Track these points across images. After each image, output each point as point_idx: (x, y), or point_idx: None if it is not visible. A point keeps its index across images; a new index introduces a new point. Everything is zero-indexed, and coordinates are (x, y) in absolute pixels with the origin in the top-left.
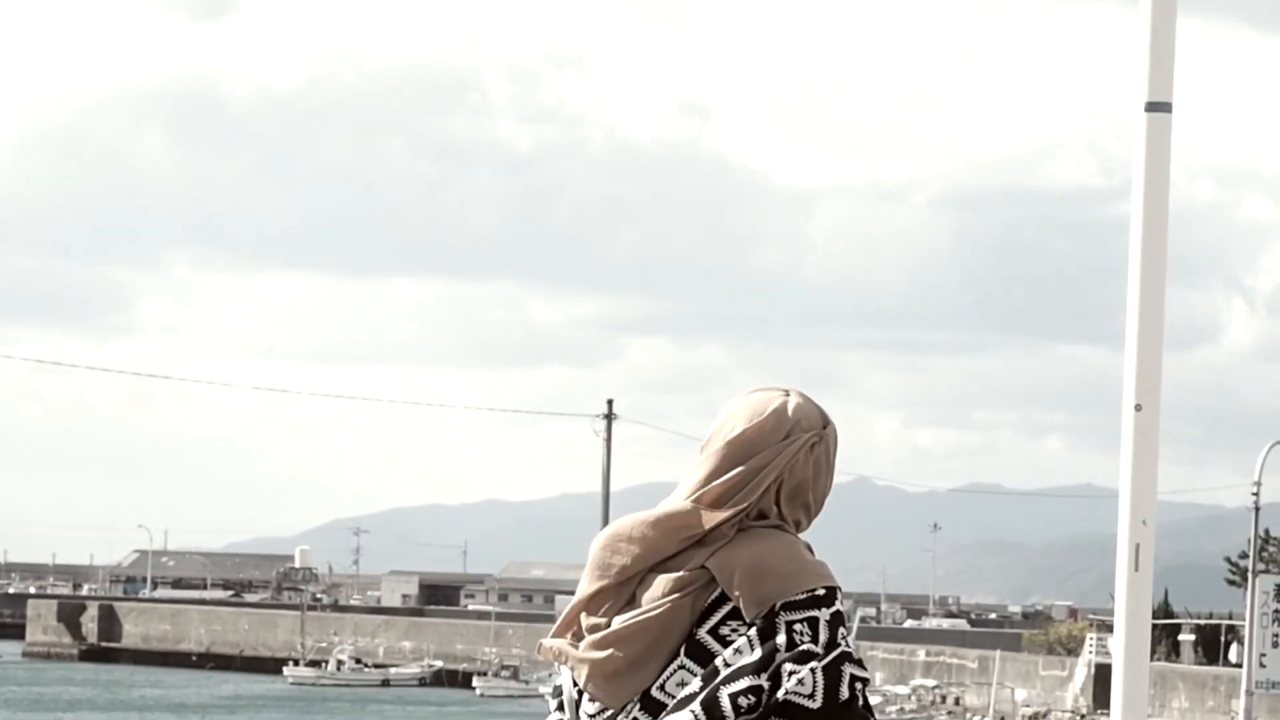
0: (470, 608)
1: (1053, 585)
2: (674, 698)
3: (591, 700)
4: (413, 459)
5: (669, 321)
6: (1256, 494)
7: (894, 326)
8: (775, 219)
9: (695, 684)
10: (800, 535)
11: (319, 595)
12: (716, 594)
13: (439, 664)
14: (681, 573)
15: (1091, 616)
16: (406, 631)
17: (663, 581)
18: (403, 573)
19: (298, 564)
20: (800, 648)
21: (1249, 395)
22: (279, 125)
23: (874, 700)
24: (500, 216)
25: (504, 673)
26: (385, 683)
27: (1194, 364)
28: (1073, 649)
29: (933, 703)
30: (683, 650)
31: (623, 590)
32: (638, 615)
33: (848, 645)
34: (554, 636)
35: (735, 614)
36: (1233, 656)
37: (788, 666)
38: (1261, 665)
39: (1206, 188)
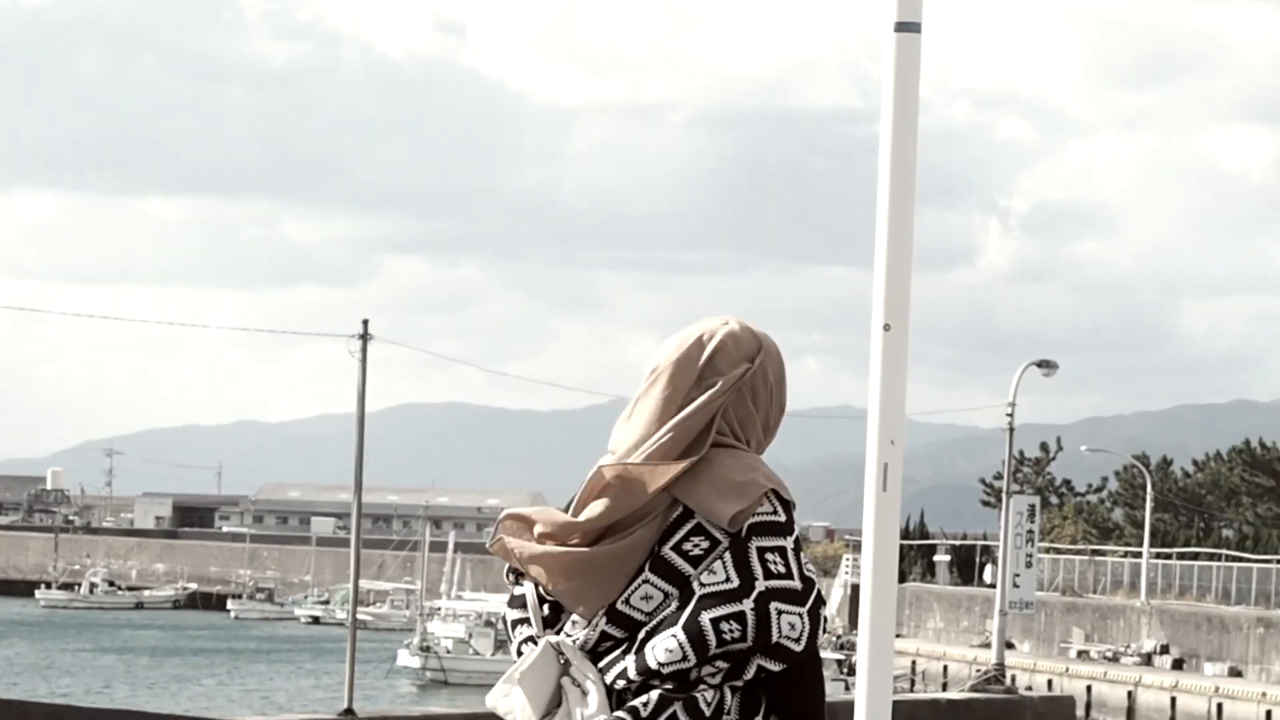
0: (225, 530)
1: (810, 506)
2: (640, 611)
3: (553, 608)
4: (167, 380)
5: (426, 241)
6: (1011, 415)
7: (651, 246)
8: (533, 138)
9: (672, 605)
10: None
11: (71, 517)
12: (679, 512)
13: (193, 586)
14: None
15: (848, 537)
16: (160, 554)
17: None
18: (156, 494)
19: (49, 486)
20: (782, 585)
21: (1005, 317)
22: (30, 40)
23: None
24: (255, 135)
25: (259, 595)
26: (139, 605)
27: (950, 285)
28: (829, 570)
29: None
30: (647, 565)
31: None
32: (605, 546)
33: (815, 579)
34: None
35: (698, 530)
36: (987, 577)
37: (777, 605)
38: (1015, 585)
39: (963, 109)
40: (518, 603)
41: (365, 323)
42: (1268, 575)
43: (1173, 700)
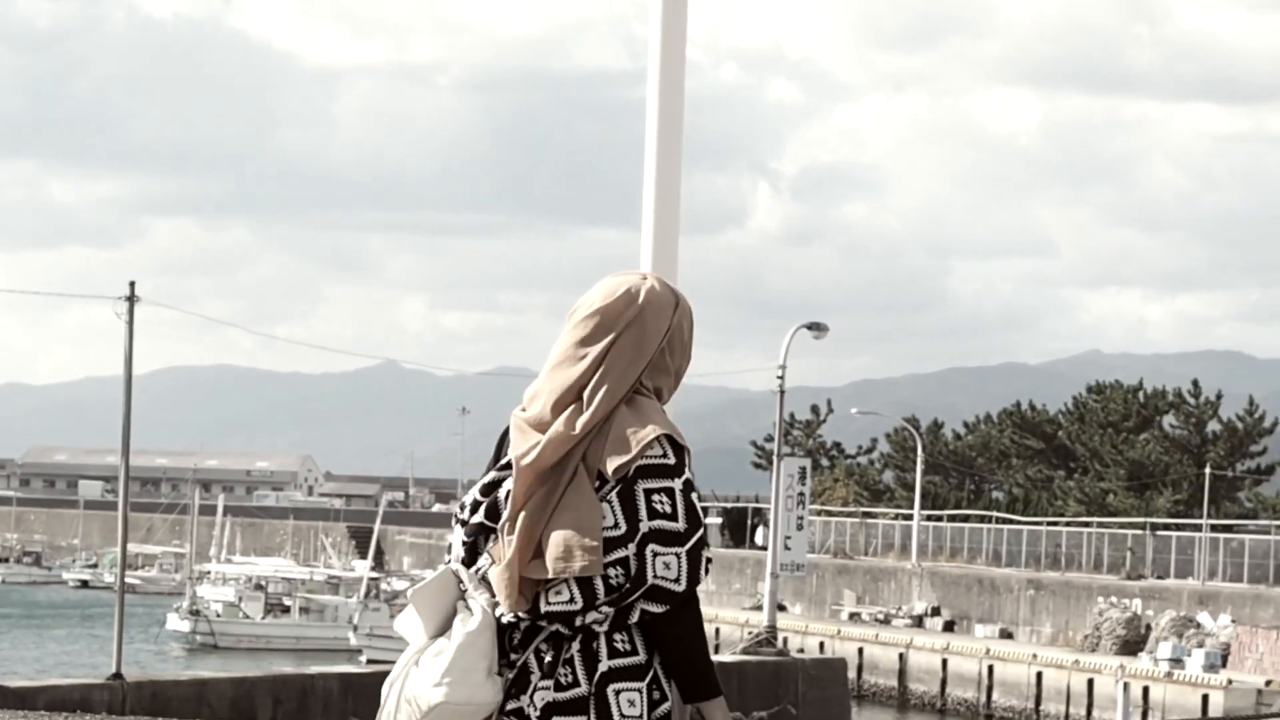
0: None
1: None
2: None
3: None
4: None
5: (193, 203)
6: (781, 378)
7: (420, 209)
8: (300, 100)
9: None
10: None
11: None
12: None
13: None
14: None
15: None
16: None
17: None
18: None
19: None
20: (663, 527)
21: (775, 279)
22: None
23: (402, 585)
24: (18, 95)
25: (25, 559)
26: None
27: (720, 248)
28: None
29: None
30: None
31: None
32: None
33: (703, 521)
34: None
35: (599, 477)
36: (759, 539)
37: (654, 548)
38: (786, 548)
39: (731, 71)
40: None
41: (132, 284)
42: (1038, 537)
43: (944, 662)
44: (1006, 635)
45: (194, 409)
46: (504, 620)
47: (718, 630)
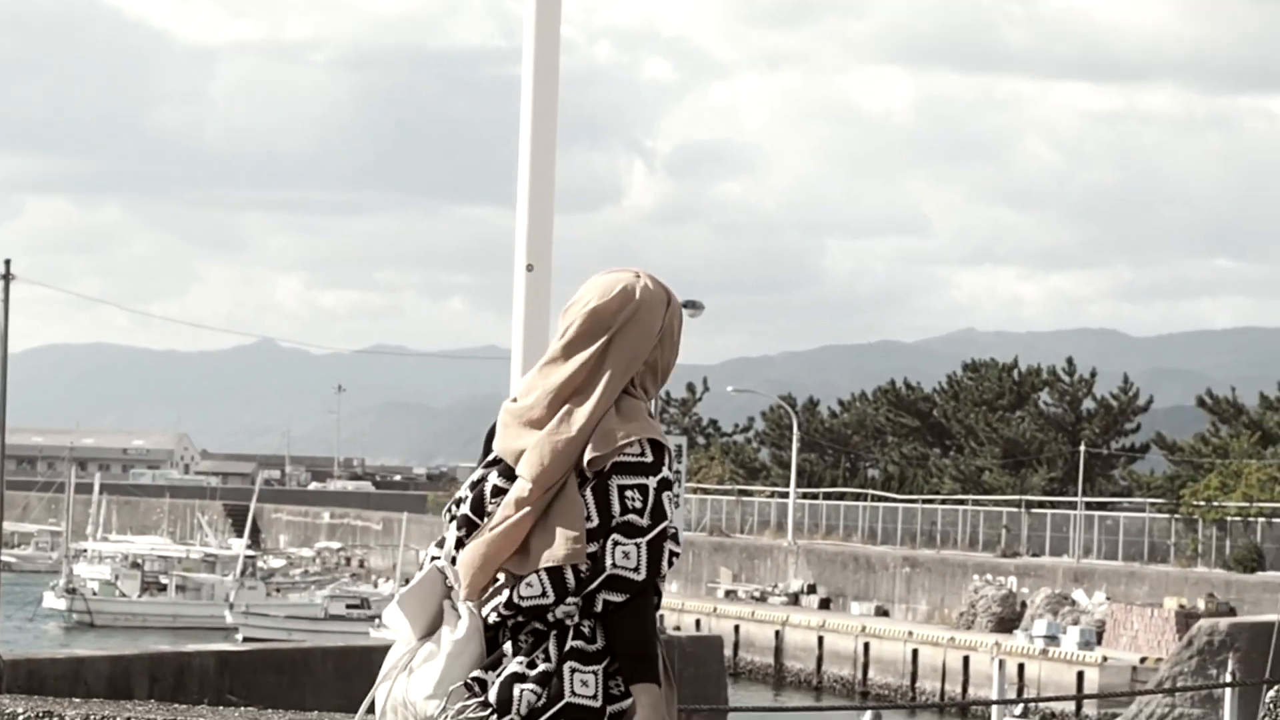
0: None
1: (458, 447)
2: None
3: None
4: None
5: (68, 181)
6: None
7: (296, 187)
8: (175, 78)
9: None
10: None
11: None
12: None
13: None
14: None
15: None
16: None
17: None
18: None
19: None
20: (627, 519)
21: (650, 257)
22: None
23: (278, 564)
24: None
25: None
26: None
27: (595, 226)
28: None
29: (338, 565)
30: None
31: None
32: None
33: (670, 517)
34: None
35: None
36: None
37: (615, 538)
38: None
39: (606, 49)
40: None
41: (7, 263)
42: (913, 515)
43: (820, 639)
44: (882, 613)
45: (70, 387)
46: (490, 620)
47: None
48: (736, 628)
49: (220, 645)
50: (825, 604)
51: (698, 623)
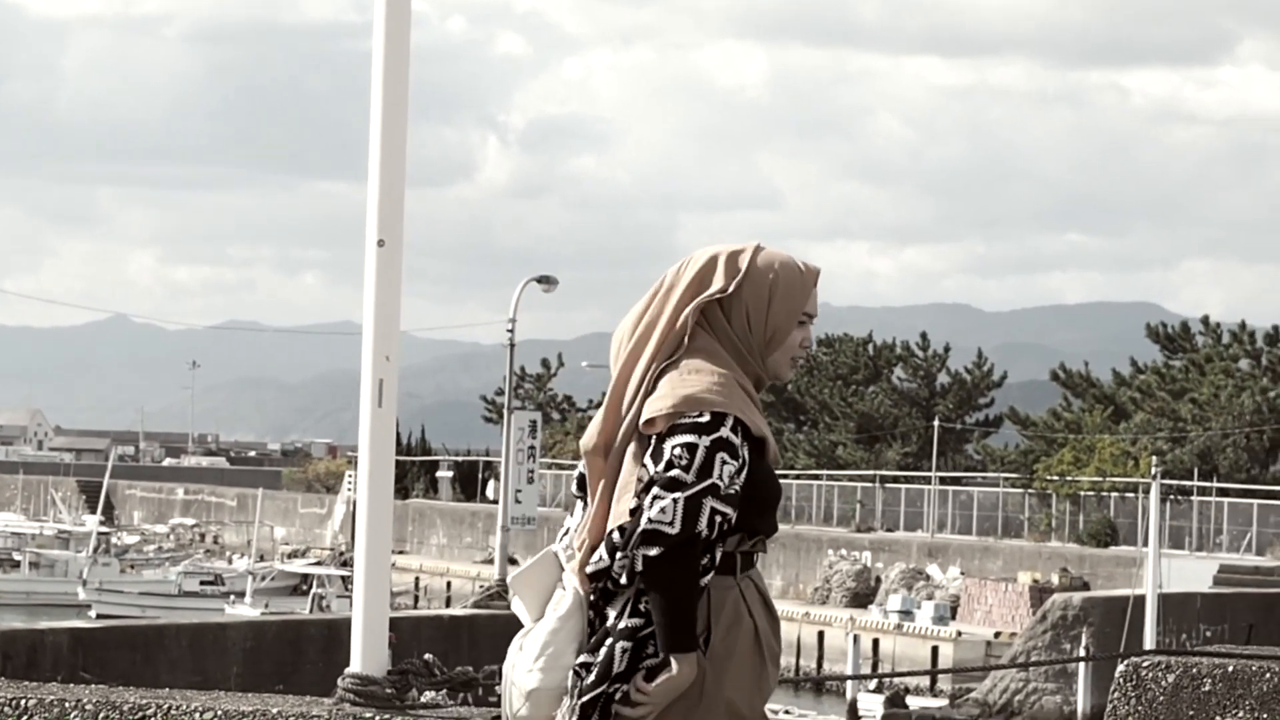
0: None
1: (312, 423)
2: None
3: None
4: None
5: None
6: (511, 331)
7: (149, 162)
8: (26, 51)
9: None
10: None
11: None
12: None
13: None
14: None
15: (350, 454)
16: None
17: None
18: None
19: None
20: (671, 475)
21: (504, 232)
22: None
23: (132, 540)
24: None
25: None
26: None
27: (449, 201)
28: (332, 486)
29: (192, 541)
30: None
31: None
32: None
33: (721, 477)
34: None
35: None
36: (490, 493)
37: (655, 491)
38: (517, 501)
39: (459, 24)
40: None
41: None
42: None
43: None
44: None
45: None
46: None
47: (449, 584)
48: None
49: (74, 622)
50: None
51: None
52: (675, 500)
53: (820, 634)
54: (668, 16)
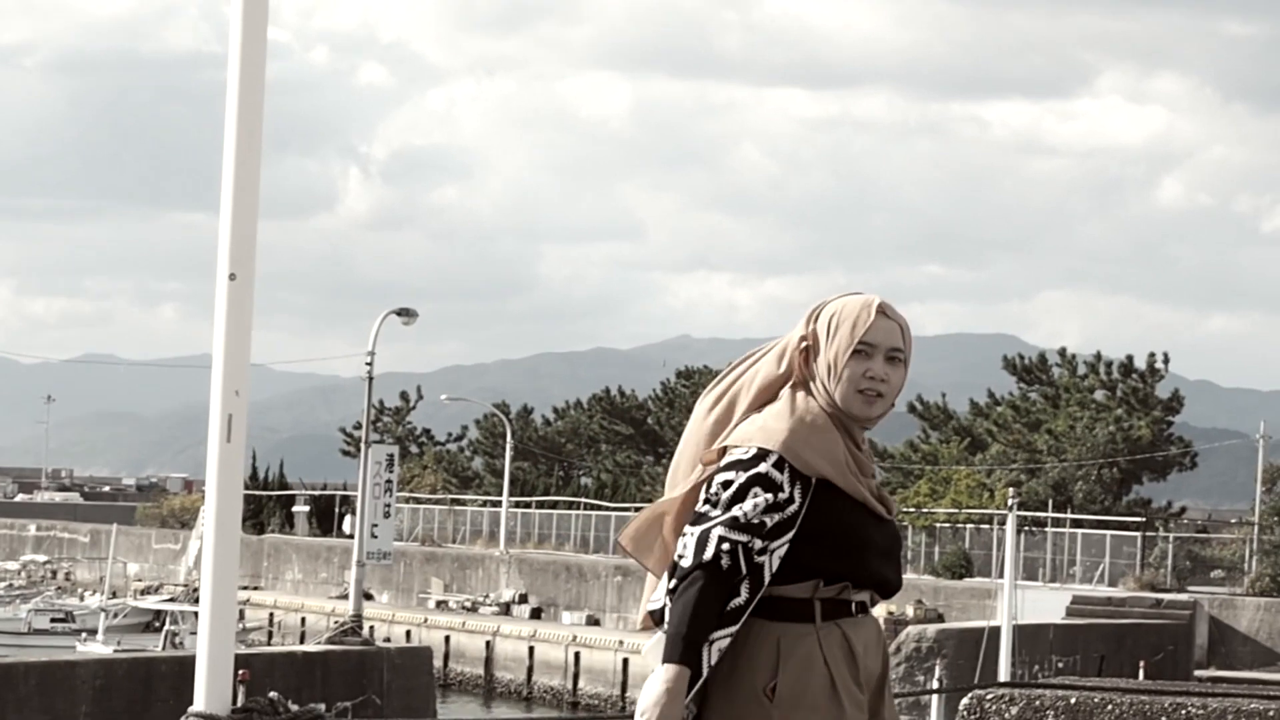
0: None
1: (170, 457)
2: None
3: None
4: None
5: None
6: (370, 364)
7: (5, 193)
8: None
9: None
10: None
11: None
12: None
13: None
14: None
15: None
16: None
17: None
18: None
19: None
20: (703, 510)
21: (365, 264)
22: None
23: None
24: None
25: None
26: None
27: (310, 233)
28: (187, 521)
29: (44, 578)
30: None
31: None
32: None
33: (744, 508)
34: None
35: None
36: (346, 527)
37: (686, 527)
38: (373, 536)
39: (323, 55)
40: None
41: None
42: (626, 523)
43: (531, 649)
44: (594, 622)
45: None
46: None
47: (304, 620)
48: (447, 638)
49: None
50: (536, 614)
51: (408, 634)
52: (692, 534)
53: None
54: (531, 48)
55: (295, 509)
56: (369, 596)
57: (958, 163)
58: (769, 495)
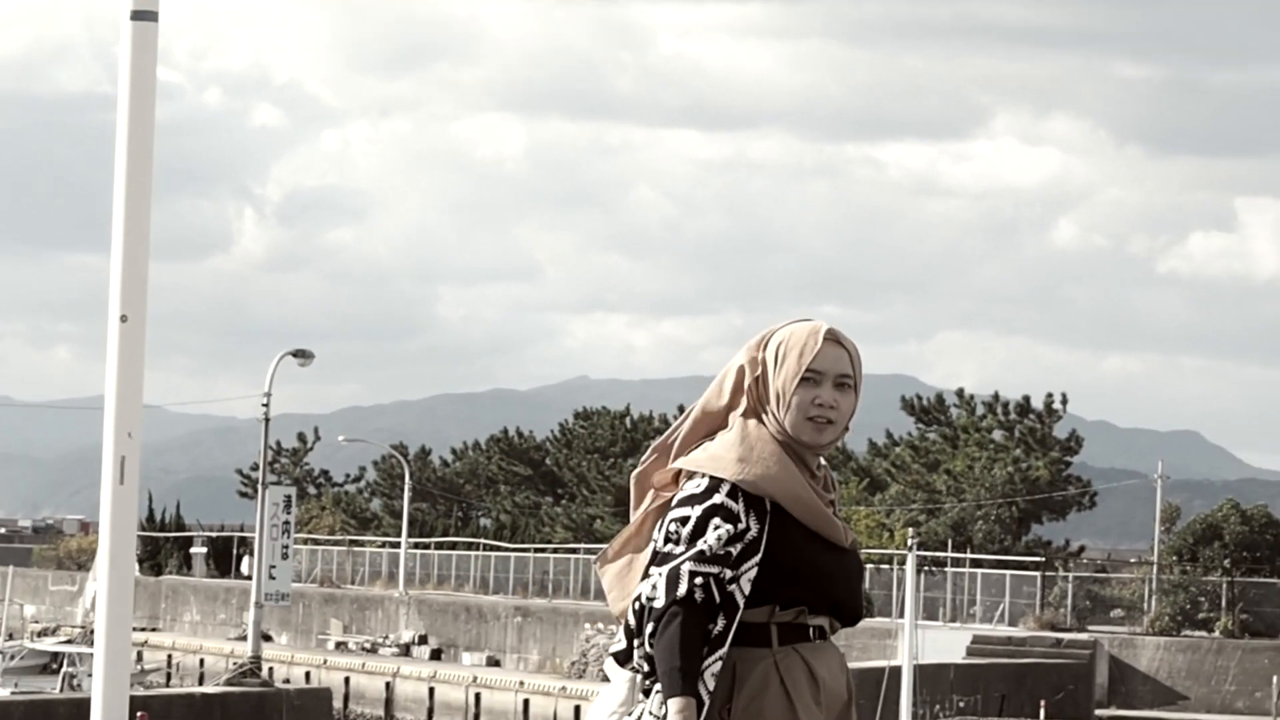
0: None
1: (65, 498)
2: None
3: None
4: None
5: None
6: (267, 405)
7: None
8: None
9: None
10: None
11: None
12: None
13: None
14: None
15: None
16: None
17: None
18: None
19: None
20: (665, 549)
21: (260, 305)
22: None
23: None
24: None
25: None
26: None
27: (204, 274)
28: (83, 563)
29: None
30: None
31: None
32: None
33: (708, 541)
34: None
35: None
36: (244, 569)
37: (651, 569)
38: (271, 577)
39: (216, 96)
40: None
41: None
42: (525, 564)
43: (431, 690)
44: (494, 663)
45: None
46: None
47: (202, 661)
48: (347, 680)
49: None
50: (437, 654)
51: (307, 675)
52: (661, 575)
53: (576, 708)
54: (425, 89)
55: (193, 550)
56: (268, 638)
57: (853, 204)
58: (729, 526)
